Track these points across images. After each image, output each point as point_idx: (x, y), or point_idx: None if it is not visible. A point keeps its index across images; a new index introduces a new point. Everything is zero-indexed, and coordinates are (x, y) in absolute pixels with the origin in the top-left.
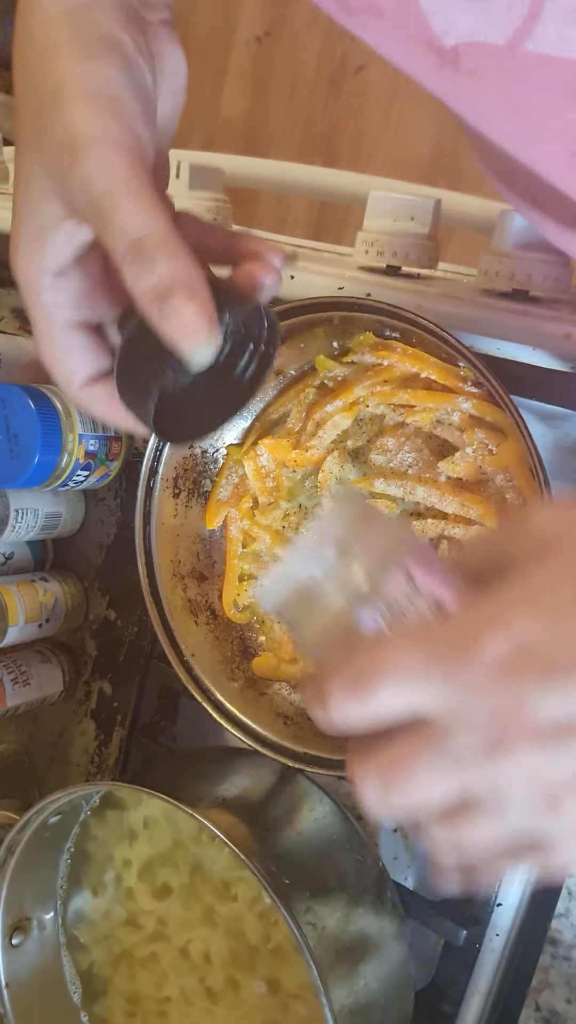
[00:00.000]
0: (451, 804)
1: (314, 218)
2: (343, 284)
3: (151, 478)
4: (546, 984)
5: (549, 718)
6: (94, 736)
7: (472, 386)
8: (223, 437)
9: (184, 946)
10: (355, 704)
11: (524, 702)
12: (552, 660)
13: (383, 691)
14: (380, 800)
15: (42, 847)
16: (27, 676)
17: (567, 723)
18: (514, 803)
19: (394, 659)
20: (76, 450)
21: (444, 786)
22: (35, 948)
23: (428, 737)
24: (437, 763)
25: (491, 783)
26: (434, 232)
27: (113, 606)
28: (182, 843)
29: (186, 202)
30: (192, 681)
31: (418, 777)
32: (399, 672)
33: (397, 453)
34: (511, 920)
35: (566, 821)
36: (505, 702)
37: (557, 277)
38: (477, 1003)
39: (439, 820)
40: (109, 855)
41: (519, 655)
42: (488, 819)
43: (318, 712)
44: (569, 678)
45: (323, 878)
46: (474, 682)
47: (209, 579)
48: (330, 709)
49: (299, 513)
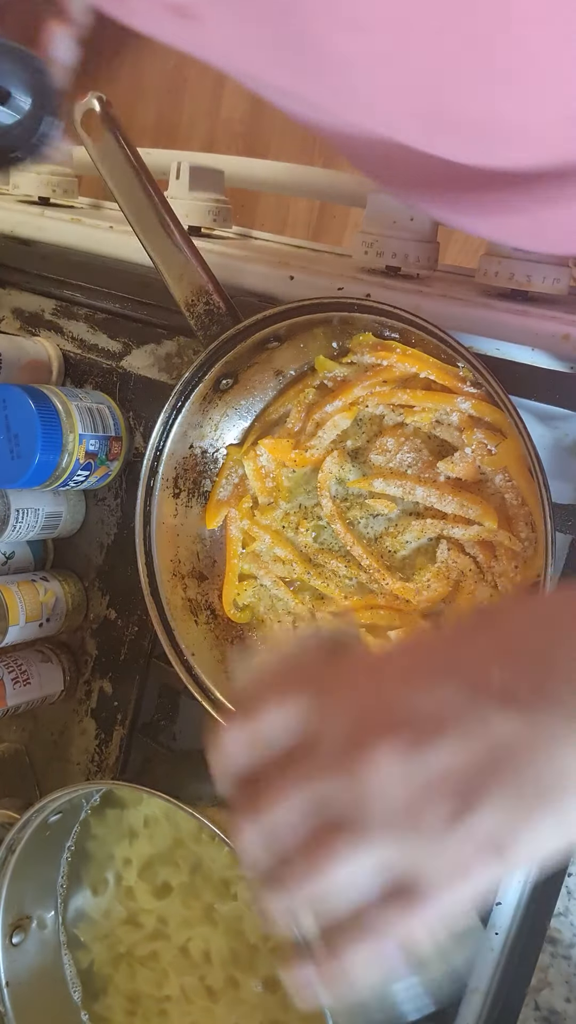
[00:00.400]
0: (311, 823)
1: (314, 219)
2: (343, 285)
3: (151, 478)
4: (545, 983)
5: (410, 710)
6: (94, 735)
7: (471, 386)
8: (223, 437)
9: (184, 945)
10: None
11: (383, 699)
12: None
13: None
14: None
15: (42, 846)
16: (27, 676)
17: (430, 717)
18: (375, 814)
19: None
20: (76, 450)
21: (302, 796)
22: (35, 947)
23: (295, 755)
24: (299, 773)
25: (350, 790)
26: (433, 232)
27: (113, 606)
28: (182, 842)
29: (186, 203)
30: (192, 680)
31: (277, 790)
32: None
33: (396, 453)
34: (510, 919)
35: (436, 844)
36: (365, 702)
37: (556, 277)
38: (476, 1002)
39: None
40: (109, 854)
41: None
42: (349, 841)
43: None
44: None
45: None
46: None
47: (209, 579)
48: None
49: (299, 513)
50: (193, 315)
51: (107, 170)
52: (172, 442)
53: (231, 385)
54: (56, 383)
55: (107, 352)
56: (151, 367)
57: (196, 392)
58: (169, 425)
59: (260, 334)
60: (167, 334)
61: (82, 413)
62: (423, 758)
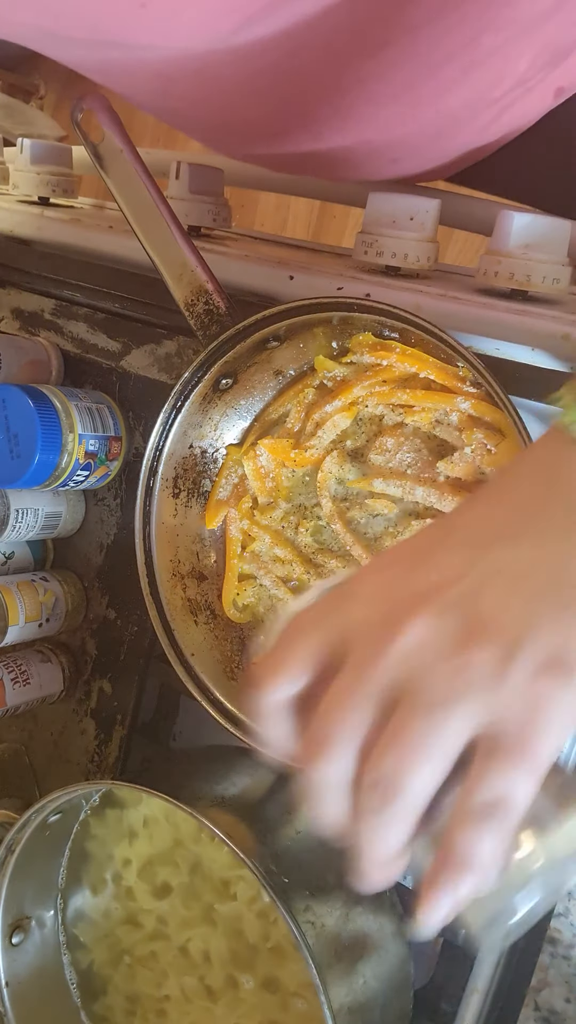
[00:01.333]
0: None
1: (314, 218)
2: (342, 284)
3: (151, 478)
4: (545, 983)
5: (427, 584)
6: (94, 735)
7: (471, 386)
8: (223, 437)
9: (184, 945)
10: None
11: (401, 582)
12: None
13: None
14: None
15: (42, 846)
16: (27, 676)
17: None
18: (432, 685)
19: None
20: (76, 450)
21: (359, 697)
22: (35, 947)
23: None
24: (348, 677)
25: (399, 670)
26: (433, 232)
27: (113, 606)
28: (182, 842)
29: (186, 203)
30: (192, 681)
31: (333, 704)
32: (304, 632)
33: (396, 453)
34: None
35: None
36: (383, 594)
37: (556, 277)
38: (476, 1002)
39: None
40: (109, 854)
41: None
42: (424, 720)
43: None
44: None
45: (322, 877)
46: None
47: (209, 579)
48: (263, 685)
49: (299, 513)
50: (193, 315)
51: (107, 170)
52: (172, 442)
53: (231, 385)
54: (55, 383)
55: (106, 352)
56: (151, 367)
57: (196, 392)
58: (169, 425)
59: (260, 334)
60: (167, 334)
61: (82, 413)
62: (453, 615)
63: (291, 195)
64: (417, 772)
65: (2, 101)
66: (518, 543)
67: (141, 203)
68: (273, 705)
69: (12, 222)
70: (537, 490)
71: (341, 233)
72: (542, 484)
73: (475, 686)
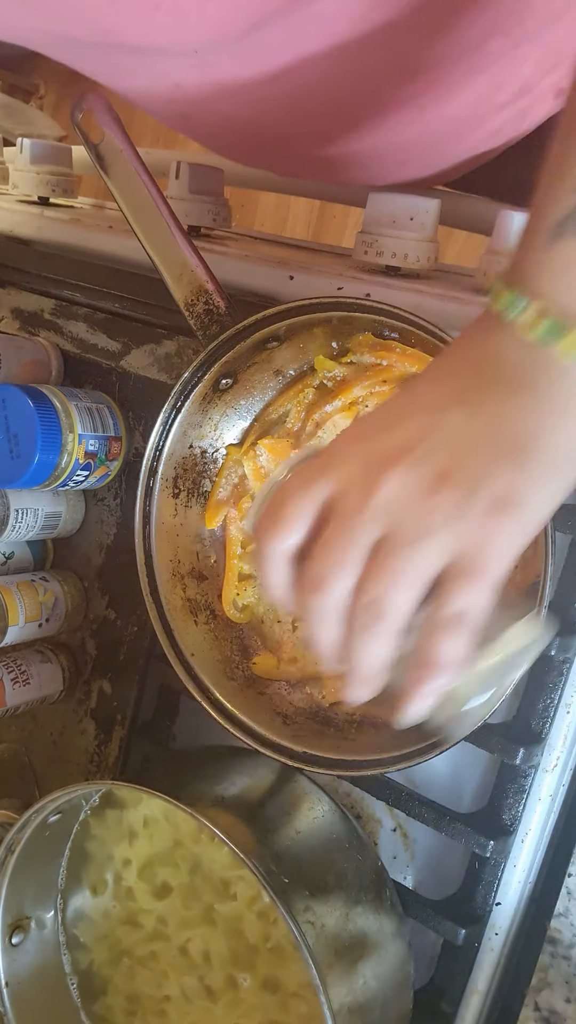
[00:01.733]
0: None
1: (314, 218)
2: (342, 284)
3: (151, 478)
4: (545, 983)
5: (399, 445)
6: (94, 735)
7: None
8: (223, 437)
9: (184, 945)
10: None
11: (376, 445)
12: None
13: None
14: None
15: (42, 846)
16: (27, 676)
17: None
18: (408, 524)
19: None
20: (76, 450)
21: (348, 539)
22: (35, 947)
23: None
24: (337, 524)
25: (381, 517)
26: (433, 232)
27: (113, 606)
28: (182, 842)
29: (186, 203)
30: (192, 681)
31: (326, 547)
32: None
33: None
34: (510, 919)
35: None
36: (363, 453)
37: None
38: (476, 1002)
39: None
40: (109, 854)
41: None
42: (401, 553)
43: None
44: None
45: (322, 877)
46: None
47: (209, 579)
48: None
49: None
50: (193, 315)
51: (107, 170)
52: (172, 442)
53: (231, 385)
54: (55, 383)
55: (106, 352)
56: (150, 367)
57: (196, 392)
58: (169, 425)
59: (259, 334)
60: (167, 334)
61: (81, 413)
62: (421, 469)
63: (291, 195)
64: (401, 593)
65: (2, 101)
66: (465, 408)
67: (141, 203)
68: (277, 554)
69: (12, 222)
70: (476, 365)
71: (341, 233)
72: (479, 359)
73: (442, 523)
